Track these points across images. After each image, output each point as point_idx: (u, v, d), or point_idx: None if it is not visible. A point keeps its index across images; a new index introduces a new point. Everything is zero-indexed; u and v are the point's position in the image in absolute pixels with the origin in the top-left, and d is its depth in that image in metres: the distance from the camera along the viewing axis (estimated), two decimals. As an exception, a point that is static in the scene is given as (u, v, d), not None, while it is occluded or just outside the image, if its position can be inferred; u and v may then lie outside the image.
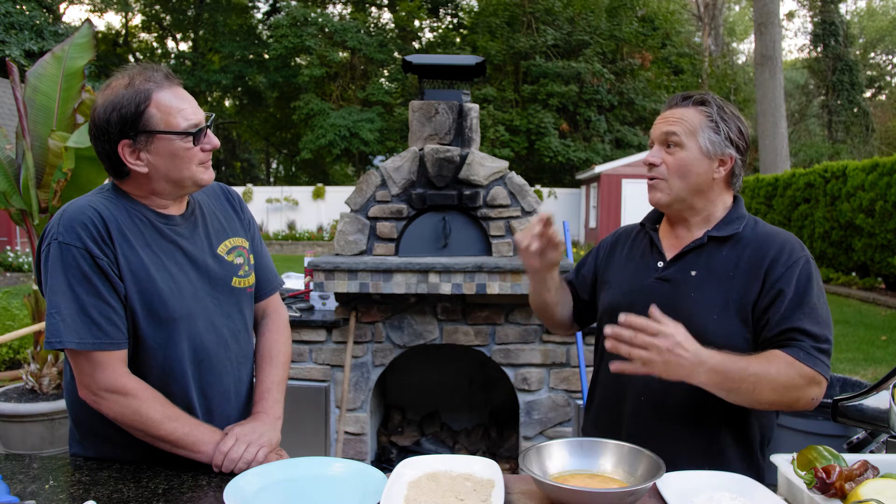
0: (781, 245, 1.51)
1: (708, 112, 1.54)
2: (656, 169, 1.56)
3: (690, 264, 1.56)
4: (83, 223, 1.37)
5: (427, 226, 3.53)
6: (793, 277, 1.47)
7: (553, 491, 1.18)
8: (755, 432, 1.55)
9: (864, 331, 7.88)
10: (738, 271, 1.51)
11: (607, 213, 19.85)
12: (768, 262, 1.49)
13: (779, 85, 16.63)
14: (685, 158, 1.53)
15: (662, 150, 1.56)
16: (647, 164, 1.58)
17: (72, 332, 1.34)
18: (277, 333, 1.71)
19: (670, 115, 1.56)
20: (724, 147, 1.53)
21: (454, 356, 3.86)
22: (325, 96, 27.05)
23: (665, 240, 1.65)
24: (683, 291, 1.53)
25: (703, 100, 1.56)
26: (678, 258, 1.58)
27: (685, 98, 1.58)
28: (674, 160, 1.54)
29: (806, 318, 1.43)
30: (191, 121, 1.42)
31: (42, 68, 3.74)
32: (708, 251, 1.55)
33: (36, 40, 20.39)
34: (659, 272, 1.59)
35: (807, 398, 1.41)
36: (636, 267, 1.65)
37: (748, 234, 1.55)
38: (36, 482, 1.33)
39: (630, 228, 1.79)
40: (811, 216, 12.31)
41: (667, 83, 26.42)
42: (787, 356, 1.40)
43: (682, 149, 1.53)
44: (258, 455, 1.42)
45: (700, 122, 1.53)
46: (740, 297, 1.48)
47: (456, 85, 3.71)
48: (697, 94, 1.58)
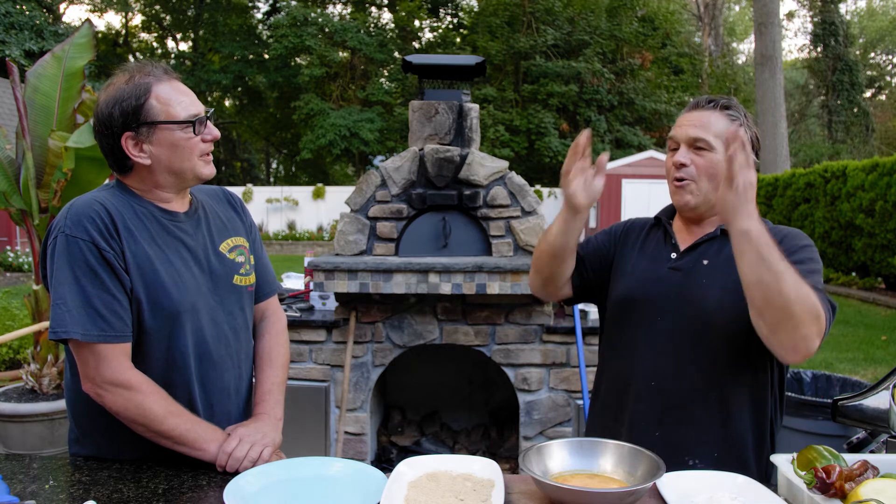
0: (788, 232, 1.57)
1: (734, 116, 1.57)
2: (685, 170, 1.57)
3: (702, 254, 1.59)
4: (90, 217, 1.39)
5: (427, 226, 3.53)
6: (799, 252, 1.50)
7: (553, 491, 1.18)
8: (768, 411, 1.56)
9: (864, 331, 7.88)
10: None
11: (607, 212, 19.85)
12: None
13: (779, 85, 16.63)
14: (715, 160, 1.54)
15: (691, 152, 1.57)
16: (677, 165, 1.58)
17: (77, 324, 1.35)
18: (276, 336, 1.73)
19: (697, 119, 1.57)
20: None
21: (454, 356, 3.86)
22: (325, 96, 27.04)
23: (679, 234, 1.68)
24: (694, 279, 1.57)
25: (729, 105, 1.59)
26: (691, 249, 1.61)
27: (710, 101, 1.59)
28: (704, 161, 1.55)
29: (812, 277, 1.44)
30: (190, 111, 1.46)
31: (42, 68, 3.74)
32: (720, 242, 1.59)
33: (36, 40, 20.40)
34: (672, 262, 1.62)
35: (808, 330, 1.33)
36: (650, 259, 1.67)
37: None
38: (36, 482, 1.33)
39: (641, 222, 1.79)
40: (811, 216, 12.30)
41: (667, 83, 26.40)
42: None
43: (711, 151, 1.55)
44: (262, 454, 1.43)
45: (726, 125, 1.55)
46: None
47: (456, 85, 3.71)
48: (723, 99, 1.60)
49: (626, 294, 1.67)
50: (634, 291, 1.64)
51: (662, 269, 1.63)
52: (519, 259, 3.36)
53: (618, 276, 1.72)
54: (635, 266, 1.69)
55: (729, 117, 1.56)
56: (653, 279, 1.62)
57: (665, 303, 1.58)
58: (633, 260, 1.71)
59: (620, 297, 1.68)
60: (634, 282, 1.66)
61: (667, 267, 1.62)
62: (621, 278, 1.71)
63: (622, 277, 1.71)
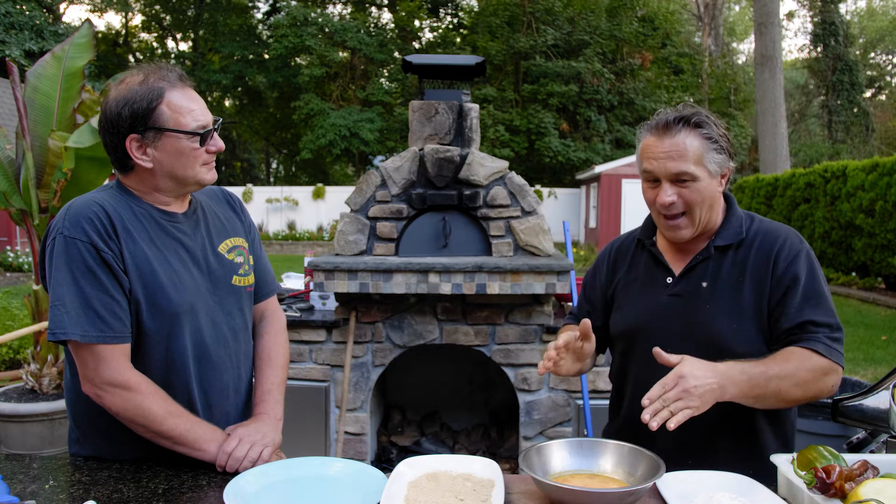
0: (782, 242, 1.52)
1: (707, 134, 1.48)
2: (675, 207, 1.50)
3: (700, 276, 1.55)
4: (88, 218, 1.38)
5: (427, 226, 3.53)
6: (797, 271, 1.48)
7: (553, 491, 1.18)
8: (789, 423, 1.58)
9: (864, 331, 7.88)
10: (745, 275, 1.51)
11: (607, 213, 19.83)
12: (772, 262, 1.50)
13: (779, 85, 16.63)
14: (700, 188, 1.49)
15: (675, 187, 1.49)
16: (666, 205, 1.50)
17: (76, 325, 1.35)
18: (276, 336, 1.72)
19: (672, 149, 1.47)
20: (726, 162, 1.52)
21: (454, 356, 3.86)
22: (325, 96, 27.03)
23: (667, 253, 1.62)
24: (697, 304, 1.53)
25: (699, 122, 1.49)
26: (687, 272, 1.56)
27: (678, 120, 1.48)
28: (690, 193, 1.49)
29: (818, 310, 1.45)
30: (199, 122, 1.46)
31: (42, 68, 3.74)
32: (714, 260, 1.55)
33: (36, 40, 20.38)
34: (670, 288, 1.57)
35: (828, 387, 1.43)
36: (643, 286, 1.63)
37: (748, 236, 1.55)
38: (36, 482, 1.33)
39: (626, 243, 1.74)
40: (811, 216, 12.30)
41: (667, 83, 26.38)
42: (803, 351, 1.41)
43: (696, 181, 1.48)
44: (262, 454, 1.43)
45: (703, 146, 1.48)
46: (754, 300, 1.49)
47: (456, 85, 3.71)
48: (688, 115, 1.49)
49: (626, 327, 1.63)
50: (635, 324, 1.60)
51: (661, 297, 1.57)
52: (519, 259, 3.36)
53: (616, 309, 1.68)
54: (631, 296, 1.64)
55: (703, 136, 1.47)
56: (652, 309, 1.58)
57: (669, 331, 1.54)
58: (627, 290, 1.66)
59: (621, 330, 1.65)
60: (633, 314, 1.62)
61: (666, 294, 1.57)
62: (618, 311, 1.67)
63: (618, 310, 1.67)
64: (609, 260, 1.75)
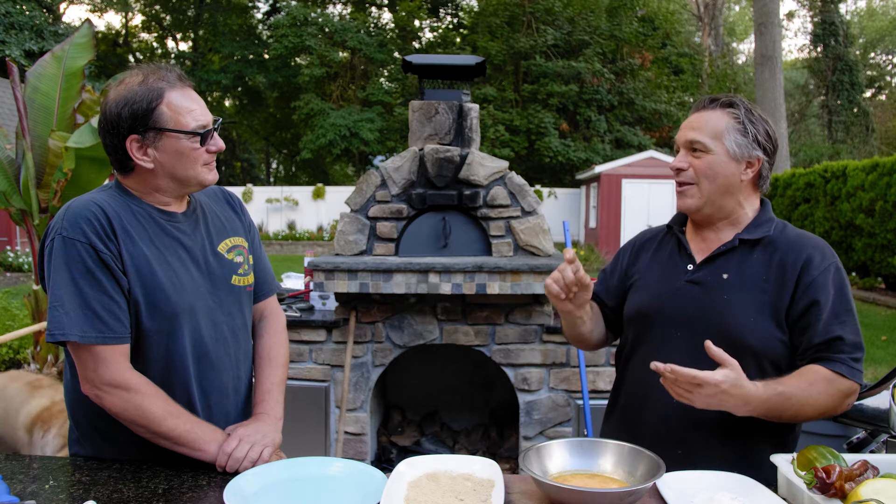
0: (812, 251, 1.51)
1: (735, 114, 1.53)
2: (684, 173, 1.55)
3: (722, 267, 1.55)
4: (87, 218, 1.38)
5: (427, 226, 3.53)
6: (827, 284, 1.47)
7: (553, 491, 1.18)
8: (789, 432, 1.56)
9: (864, 331, 7.75)
10: (770, 276, 1.51)
11: (607, 213, 19.82)
12: (800, 268, 1.49)
13: (779, 85, 16.62)
14: (712, 161, 1.52)
15: (689, 155, 1.55)
16: (675, 170, 1.57)
17: (75, 326, 1.35)
18: (276, 335, 1.72)
19: (695, 121, 1.56)
20: (751, 149, 1.52)
21: (454, 356, 3.86)
22: (325, 96, 27.02)
23: (692, 242, 1.63)
24: (716, 294, 1.52)
25: (731, 102, 1.55)
26: (709, 261, 1.57)
27: (713, 101, 1.57)
28: (701, 163, 1.53)
29: (846, 327, 1.46)
30: (200, 122, 1.46)
31: (42, 68, 3.74)
32: (739, 254, 1.55)
33: (36, 40, 20.39)
34: (689, 275, 1.57)
35: (844, 407, 1.45)
36: (664, 270, 1.63)
37: (778, 238, 1.55)
38: (36, 482, 1.33)
39: (654, 232, 1.77)
40: (811, 216, 12.30)
41: (667, 83, 26.38)
42: (828, 373, 1.42)
43: (709, 153, 1.52)
44: (262, 454, 1.43)
45: (727, 124, 1.52)
46: (774, 301, 1.49)
47: (456, 85, 3.71)
48: (725, 97, 1.57)
49: (640, 309, 1.63)
50: (649, 306, 1.60)
51: (679, 282, 1.58)
52: (519, 259, 3.36)
53: (632, 291, 1.69)
54: (649, 279, 1.65)
55: (730, 115, 1.53)
56: (669, 293, 1.58)
57: (683, 318, 1.54)
58: (647, 272, 1.67)
59: (634, 312, 1.65)
60: (648, 296, 1.62)
61: (683, 280, 1.57)
62: (635, 292, 1.68)
63: (635, 292, 1.67)
64: (633, 248, 1.78)
